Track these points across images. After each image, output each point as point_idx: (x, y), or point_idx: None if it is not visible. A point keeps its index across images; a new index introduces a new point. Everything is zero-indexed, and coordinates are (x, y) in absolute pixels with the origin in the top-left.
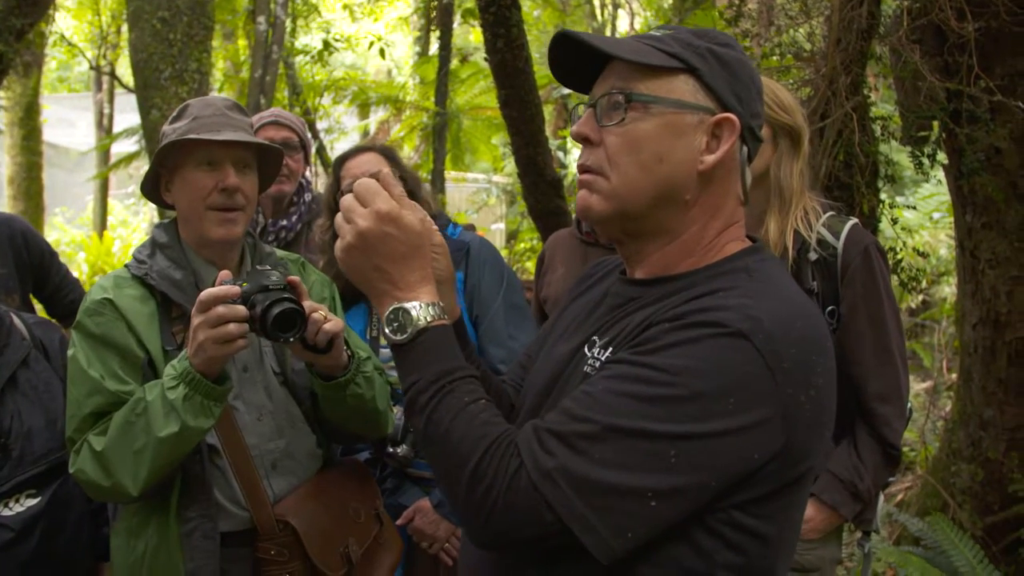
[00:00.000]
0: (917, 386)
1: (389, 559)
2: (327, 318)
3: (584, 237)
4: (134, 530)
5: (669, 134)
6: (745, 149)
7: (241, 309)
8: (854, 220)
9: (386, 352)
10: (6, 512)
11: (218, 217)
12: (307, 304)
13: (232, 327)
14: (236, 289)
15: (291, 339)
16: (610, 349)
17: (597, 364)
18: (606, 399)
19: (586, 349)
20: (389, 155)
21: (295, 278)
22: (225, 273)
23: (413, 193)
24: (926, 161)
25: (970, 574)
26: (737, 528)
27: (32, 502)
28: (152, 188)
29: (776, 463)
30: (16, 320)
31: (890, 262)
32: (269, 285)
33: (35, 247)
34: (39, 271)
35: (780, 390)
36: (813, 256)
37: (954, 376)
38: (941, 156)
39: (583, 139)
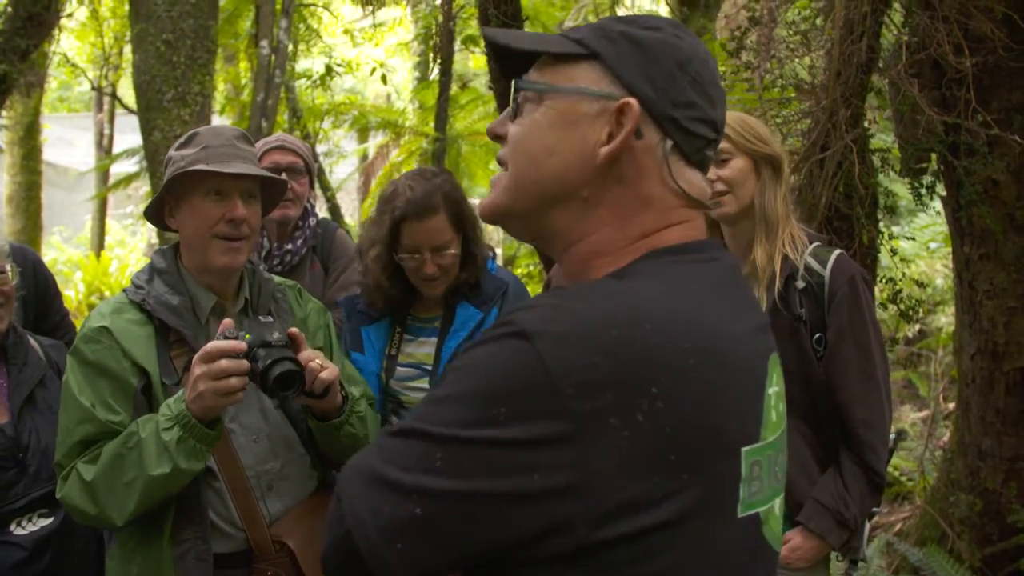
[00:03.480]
0: (913, 415)
1: None
2: (323, 366)
3: None
4: (128, 552)
5: (560, 124)
6: (669, 143)
7: (244, 364)
8: (840, 250)
9: (404, 371)
10: (19, 531)
11: (223, 246)
12: (305, 354)
13: (234, 381)
14: (242, 345)
15: (289, 397)
16: None
17: None
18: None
19: None
20: (455, 213)
21: (295, 331)
22: (228, 322)
23: (470, 240)
24: (925, 192)
25: None
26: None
27: (45, 522)
28: (156, 213)
29: (587, 501)
30: (32, 341)
31: (890, 292)
32: (272, 341)
33: (42, 281)
34: (41, 306)
35: (572, 406)
36: (801, 284)
37: (951, 405)
38: (939, 188)
39: (495, 136)
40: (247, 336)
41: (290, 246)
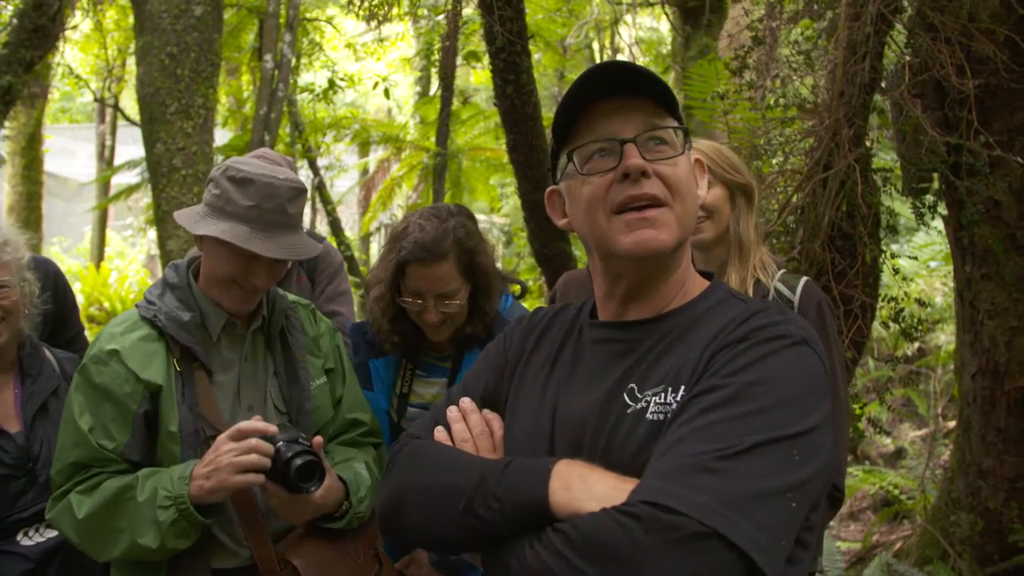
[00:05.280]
0: (912, 433)
1: None
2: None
3: None
4: (129, 565)
5: (691, 169)
6: None
7: (269, 447)
8: (806, 277)
9: (415, 411)
10: (26, 541)
11: (239, 296)
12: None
13: (255, 457)
14: (273, 428)
15: (310, 490)
16: (681, 389)
17: (672, 406)
18: (720, 428)
19: (627, 399)
20: (466, 261)
21: (319, 439)
22: (258, 419)
23: (480, 291)
24: (926, 212)
25: None
26: (808, 529)
27: (52, 533)
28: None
29: (832, 451)
30: (48, 353)
31: (892, 311)
32: (299, 438)
33: (62, 295)
34: (58, 319)
35: (829, 388)
36: None
37: (951, 424)
38: (941, 207)
39: (643, 172)
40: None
41: None
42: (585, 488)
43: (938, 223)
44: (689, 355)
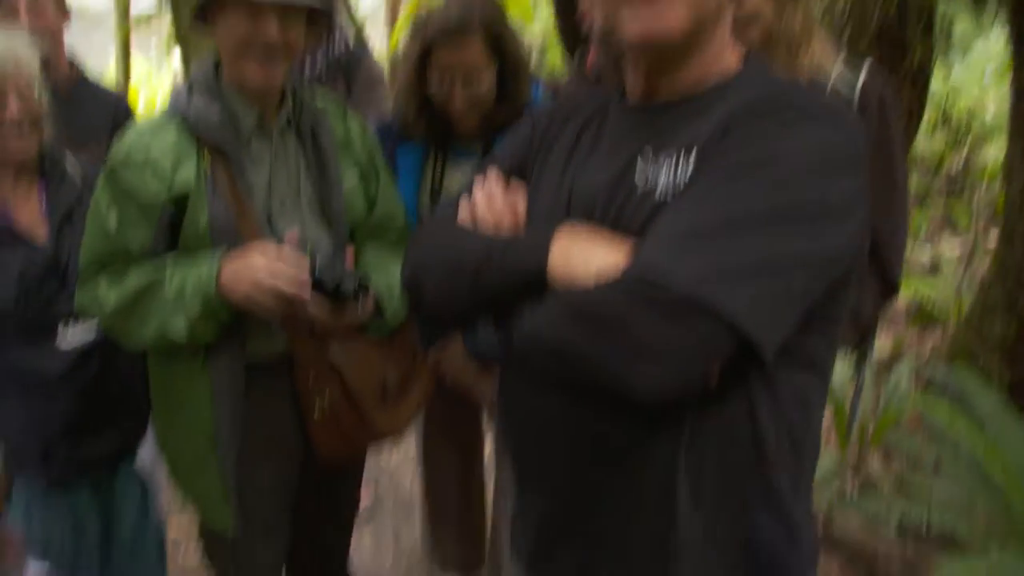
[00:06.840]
0: (951, 245)
1: (419, 390)
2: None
3: None
4: (167, 354)
5: None
6: None
7: (305, 279)
8: (869, 61)
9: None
10: (64, 345)
11: (258, 63)
12: None
13: (299, 278)
14: (304, 262)
15: (357, 300)
16: (694, 151)
17: (680, 182)
18: (726, 197)
19: (637, 176)
20: (493, 37)
21: (351, 250)
22: (292, 235)
23: (508, 73)
24: (988, 16)
25: (994, 421)
26: (833, 320)
27: (89, 330)
28: (201, 16)
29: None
30: (70, 159)
31: (939, 119)
32: (336, 260)
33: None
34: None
35: (864, 168)
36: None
37: (992, 239)
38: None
39: None
40: (309, 249)
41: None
42: (583, 259)
43: (995, 37)
44: (704, 129)
